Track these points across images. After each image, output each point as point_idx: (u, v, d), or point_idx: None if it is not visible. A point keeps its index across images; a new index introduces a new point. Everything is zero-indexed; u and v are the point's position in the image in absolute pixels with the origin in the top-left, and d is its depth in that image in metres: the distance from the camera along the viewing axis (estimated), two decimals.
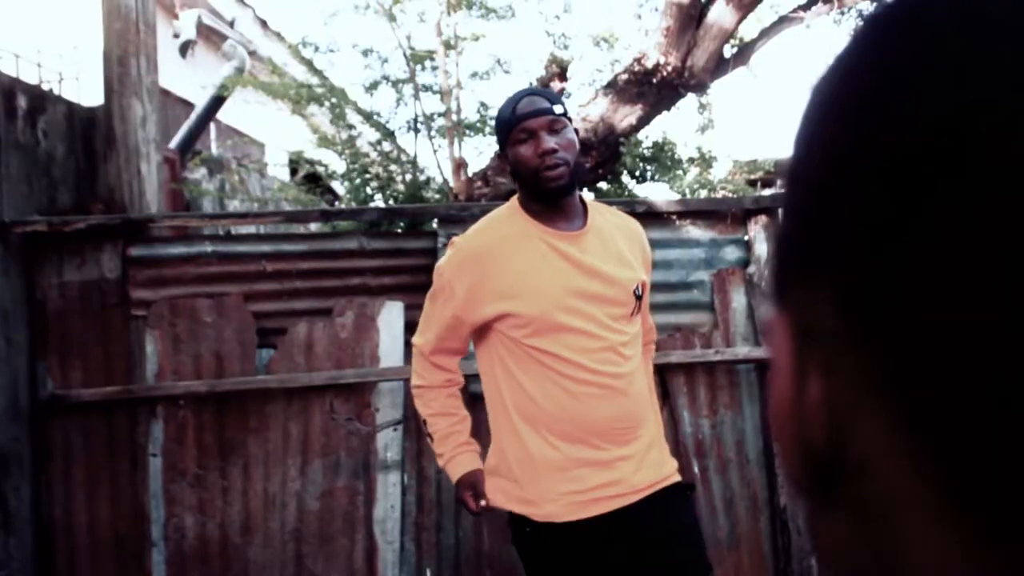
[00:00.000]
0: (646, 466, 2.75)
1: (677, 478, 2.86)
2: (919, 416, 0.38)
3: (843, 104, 0.42)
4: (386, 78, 6.76)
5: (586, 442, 2.68)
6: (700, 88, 6.47)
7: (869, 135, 0.40)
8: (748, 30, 6.85)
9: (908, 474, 0.39)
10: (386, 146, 6.72)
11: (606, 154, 6.30)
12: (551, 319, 2.64)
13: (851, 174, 0.40)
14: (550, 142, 2.63)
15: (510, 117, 2.71)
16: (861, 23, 0.44)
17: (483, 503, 2.82)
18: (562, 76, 7.00)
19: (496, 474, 2.82)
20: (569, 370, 2.65)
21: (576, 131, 2.78)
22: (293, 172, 8.69)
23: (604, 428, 2.68)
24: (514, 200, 2.85)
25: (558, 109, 2.69)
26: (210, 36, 10.18)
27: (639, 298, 2.78)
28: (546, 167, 2.63)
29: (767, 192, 6.23)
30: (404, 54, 6.57)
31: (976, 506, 0.37)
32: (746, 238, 4.93)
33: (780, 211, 0.48)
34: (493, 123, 6.69)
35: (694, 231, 4.93)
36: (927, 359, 0.37)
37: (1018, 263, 0.35)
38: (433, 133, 6.59)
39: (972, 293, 0.36)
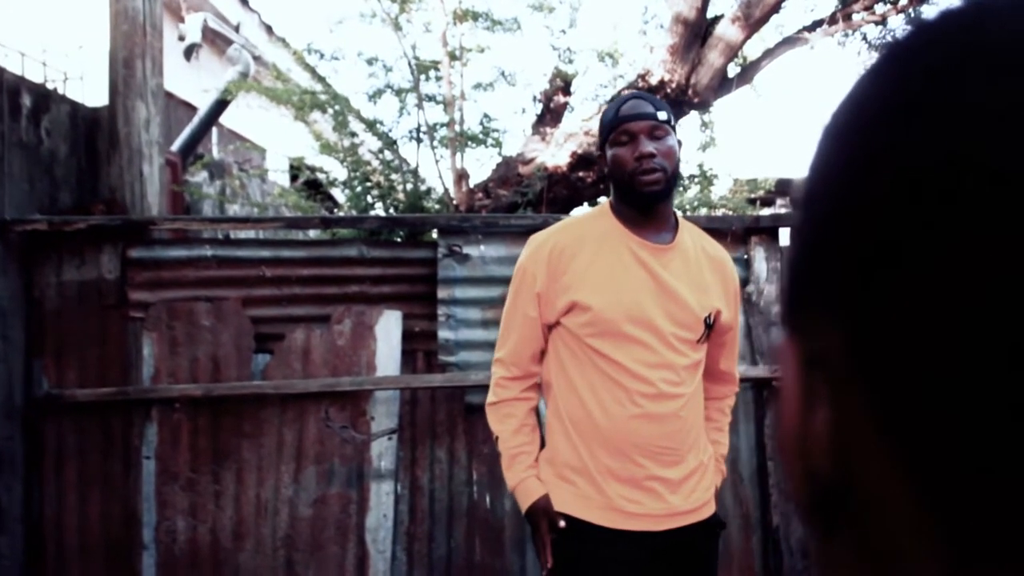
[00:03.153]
0: (680, 493, 2.70)
1: (709, 512, 2.81)
2: (919, 456, 0.38)
3: (850, 137, 0.43)
4: (390, 87, 6.76)
5: (627, 455, 2.63)
6: (703, 106, 6.48)
7: (873, 168, 0.40)
8: (752, 50, 6.86)
9: (909, 510, 0.39)
10: (388, 155, 6.72)
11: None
12: (617, 324, 2.61)
13: (854, 206, 0.41)
14: (649, 147, 2.60)
15: (613, 118, 2.68)
16: (876, 56, 0.44)
17: (561, 524, 2.66)
18: (566, 90, 7.01)
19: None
20: (625, 379, 2.61)
21: (679, 142, 2.74)
22: (293, 178, 8.69)
23: (647, 444, 2.63)
24: (607, 203, 2.82)
25: (662, 116, 2.65)
26: (215, 40, 10.18)
27: (709, 326, 2.73)
28: (642, 171, 2.61)
29: (767, 211, 6.24)
30: (409, 63, 6.57)
31: (974, 550, 0.37)
32: (745, 257, 4.93)
33: (789, 236, 0.48)
34: (495, 135, 6.73)
35: None
36: (926, 399, 0.37)
37: (1017, 301, 0.35)
38: (436, 143, 6.60)
39: (972, 332, 0.36)
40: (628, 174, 2.63)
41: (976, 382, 0.36)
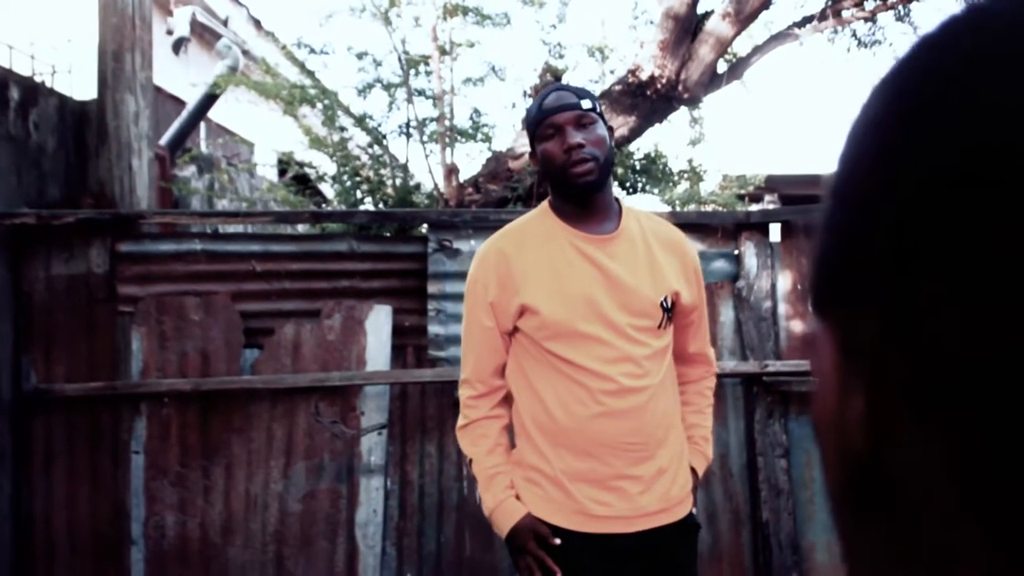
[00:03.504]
0: (652, 492, 2.60)
1: (685, 511, 2.69)
2: (956, 443, 0.38)
3: (885, 125, 0.43)
4: (380, 81, 6.74)
5: (593, 456, 2.55)
6: (693, 101, 6.48)
7: (909, 157, 0.40)
8: (741, 46, 6.87)
9: (947, 499, 0.39)
10: (377, 150, 6.70)
11: None
12: (569, 324, 2.54)
13: (892, 195, 0.40)
14: (577, 137, 2.53)
15: (537, 113, 2.61)
16: (908, 48, 0.44)
17: (556, 541, 2.56)
18: None
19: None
20: (585, 378, 2.54)
21: (610, 128, 2.67)
22: (282, 173, 8.67)
23: (613, 442, 2.55)
24: (546, 202, 2.75)
25: (586, 104, 2.57)
26: (203, 34, 10.16)
27: (668, 310, 2.64)
28: (573, 163, 2.53)
29: (756, 207, 6.25)
30: (398, 58, 6.56)
31: (1013, 529, 0.37)
32: (736, 252, 4.94)
33: (820, 225, 0.48)
34: (485, 130, 6.72)
35: None
36: (964, 388, 0.37)
37: None
38: (425, 138, 6.58)
39: (1010, 320, 0.35)
40: (559, 167, 2.56)
41: (1015, 370, 0.35)
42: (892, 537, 0.43)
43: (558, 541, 2.56)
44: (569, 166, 2.54)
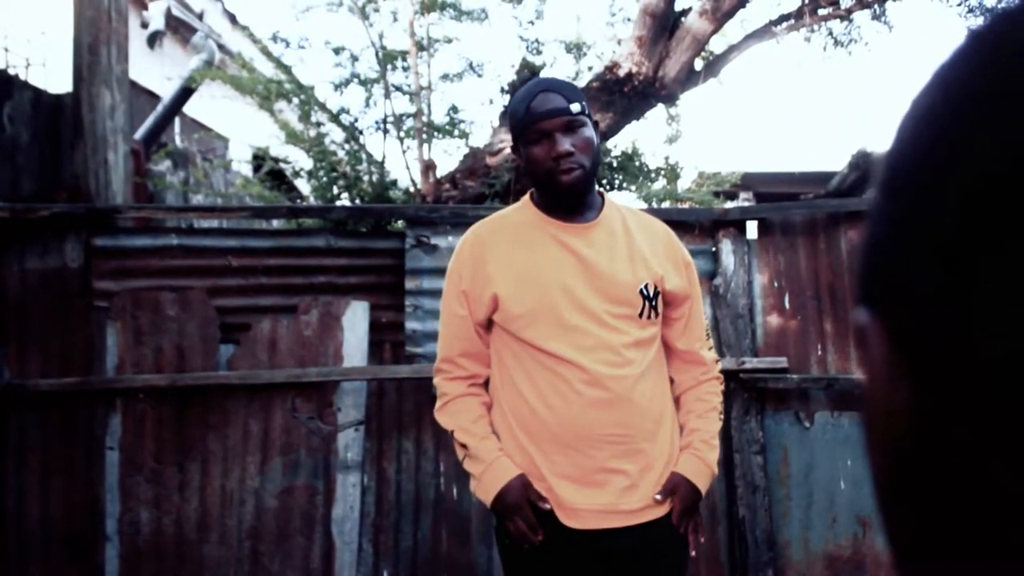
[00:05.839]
0: (640, 488, 2.55)
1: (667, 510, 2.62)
2: (1006, 435, 0.38)
3: (942, 117, 0.43)
4: (356, 77, 6.74)
5: (575, 448, 2.51)
6: (670, 99, 6.50)
7: (968, 148, 0.40)
8: (716, 45, 6.89)
9: (997, 491, 0.39)
10: (354, 145, 6.69)
11: None
12: (545, 312, 2.51)
13: (947, 189, 0.40)
14: (565, 144, 2.48)
15: (524, 115, 2.53)
16: (964, 38, 0.44)
17: (548, 506, 2.53)
18: None
19: None
20: (562, 368, 2.50)
21: (596, 125, 2.62)
22: (257, 168, 8.64)
23: (596, 432, 2.50)
24: (528, 195, 2.73)
25: (575, 108, 2.50)
26: (178, 28, 10.11)
27: (649, 298, 2.58)
28: (561, 171, 2.49)
29: (731, 204, 6.27)
30: (376, 53, 6.55)
31: None
32: (713, 250, 4.95)
33: (869, 217, 0.48)
34: (462, 126, 6.72)
35: None
36: (1008, 381, 0.37)
37: None
38: (403, 134, 6.58)
39: None
40: (546, 173, 2.52)
41: None
42: (938, 524, 0.43)
43: (548, 506, 2.52)
44: (557, 173, 2.51)
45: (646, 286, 2.59)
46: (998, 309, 0.38)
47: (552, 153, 2.49)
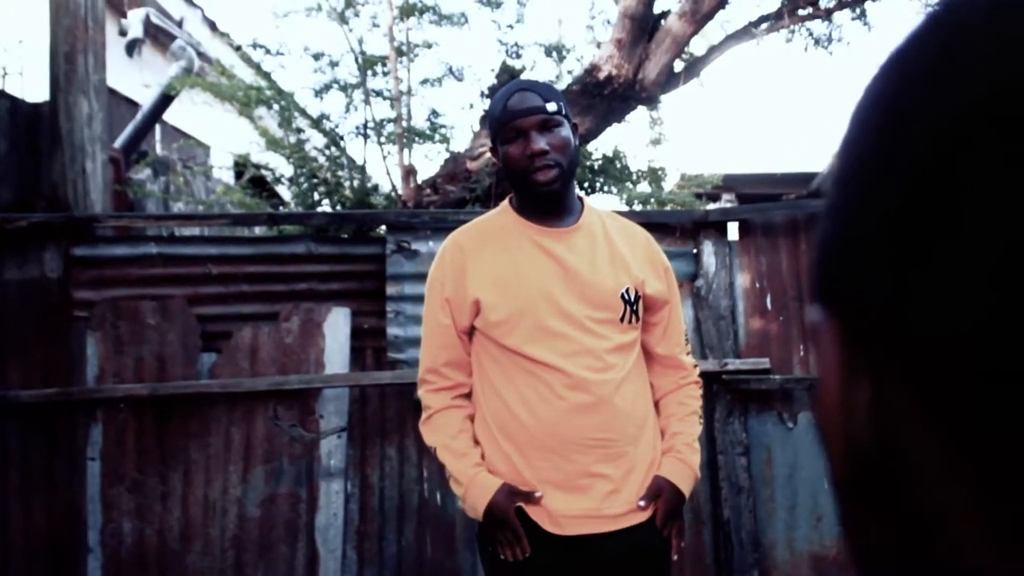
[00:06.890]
0: (624, 492, 2.56)
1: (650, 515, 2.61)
2: (966, 431, 0.38)
3: (882, 103, 0.42)
4: (336, 82, 6.71)
5: (559, 453, 2.51)
6: (651, 101, 6.50)
7: (909, 128, 0.39)
8: (696, 46, 6.90)
9: (950, 480, 0.39)
10: (334, 151, 6.67)
11: None
12: (527, 318, 2.51)
13: (892, 173, 0.40)
14: (541, 143, 2.49)
15: (501, 113, 2.55)
16: (900, 37, 0.44)
17: (538, 495, 2.52)
18: None
19: None
20: (544, 373, 2.50)
21: (575, 127, 2.63)
22: (238, 175, 8.61)
23: (579, 438, 2.50)
24: (507, 200, 2.73)
25: (551, 107, 2.52)
26: (157, 36, 10.07)
27: (630, 303, 2.60)
28: (536, 169, 2.50)
29: (713, 206, 6.28)
30: (355, 59, 6.53)
31: (1013, 512, 0.36)
32: (695, 251, 4.95)
33: (822, 214, 0.48)
34: (442, 130, 6.71)
35: None
36: (977, 372, 0.37)
37: None
38: (383, 139, 6.56)
39: (1002, 305, 0.35)
40: (521, 172, 2.53)
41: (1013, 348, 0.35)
42: (898, 523, 0.43)
43: (539, 493, 2.52)
44: (532, 172, 2.51)
45: (627, 291, 2.60)
46: (942, 295, 0.37)
47: (527, 151, 2.50)
